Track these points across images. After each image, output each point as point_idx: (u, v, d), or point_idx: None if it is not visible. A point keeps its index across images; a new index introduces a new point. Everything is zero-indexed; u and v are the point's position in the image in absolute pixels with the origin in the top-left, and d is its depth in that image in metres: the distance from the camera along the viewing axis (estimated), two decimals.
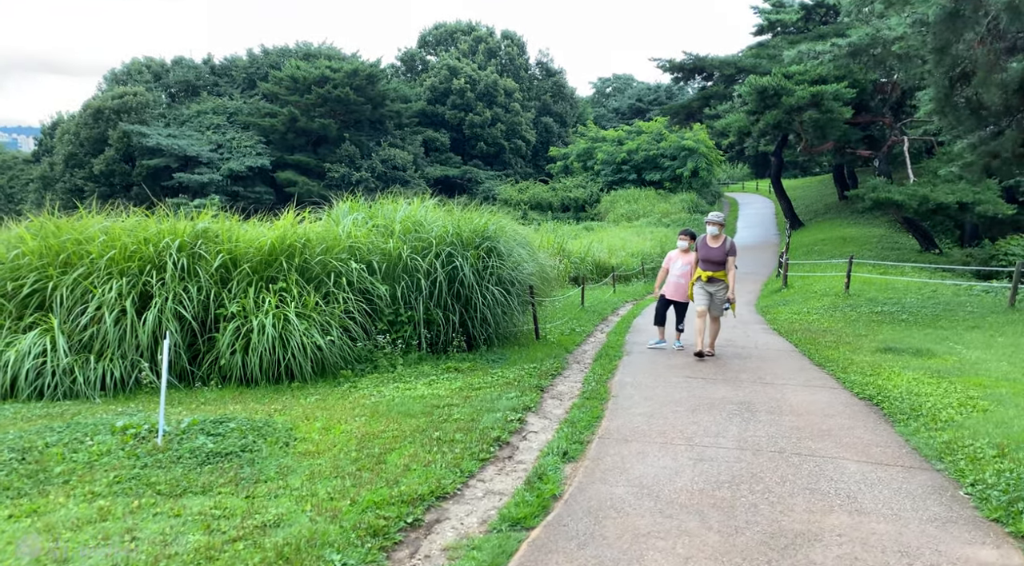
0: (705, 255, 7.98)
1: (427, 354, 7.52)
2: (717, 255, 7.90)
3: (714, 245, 7.95)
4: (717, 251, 7.91)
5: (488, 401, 5.81)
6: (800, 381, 6.98)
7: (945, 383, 6.49)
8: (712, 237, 7.96)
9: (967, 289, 14.39)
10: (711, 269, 7.94)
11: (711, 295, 7.99)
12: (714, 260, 7.91)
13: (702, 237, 8.12)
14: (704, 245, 8.02)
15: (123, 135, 45.06)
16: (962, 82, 14.37)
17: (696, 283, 8.13)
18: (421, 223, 8.10)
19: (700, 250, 8.05)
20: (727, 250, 7.90)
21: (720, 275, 7.95)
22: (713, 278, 7.97)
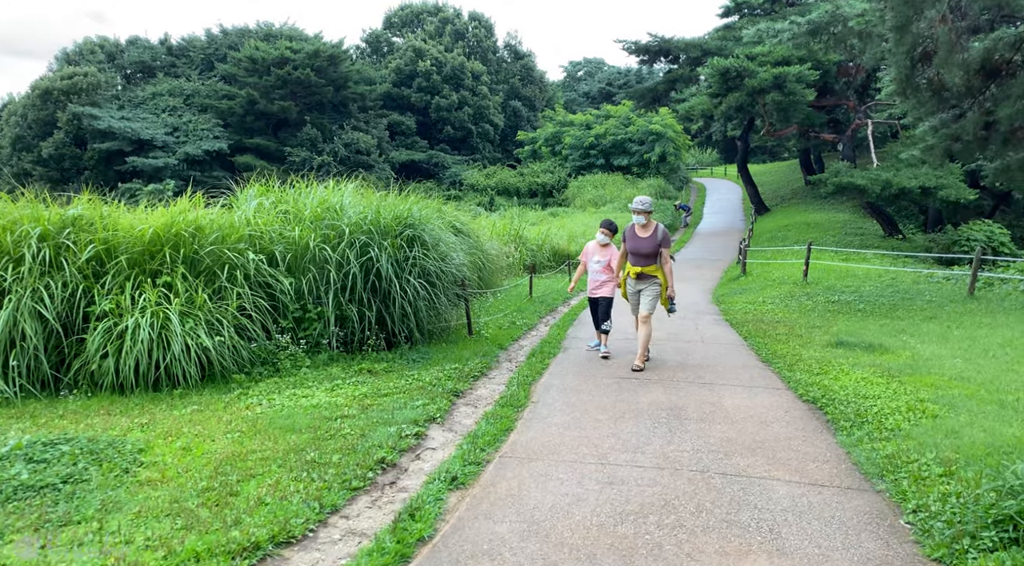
0: (633, 247, 6.75)
1: (340, 354, 6.84)
2: (647, 247, 6.68)
3: (643, 235, 6.72)
4: (647, 242, 6.69)
5: (389, 411, 5.16)
6: (742, 381, 6.44)
7: (895, 383, 5.98)
8: (640, 226, 6.75)
9: (927, 277, 14.05)
10: (641, 263, 6.75)
11: (640, 294, 6.94)
12: (643, 253, 6.70)
13: (628, 226, 6.92)
14: (631, 236, 6.80)
15: (73, 117, 43.24)
16: (923, 62, 13.91)
17: (627, 282, 7.03)
18: (335, 209, 7.37)
19: (628, 242, 6.84)
20: (659, 240, 6.68)
21: (652, 270, 6.77)
22: (644, 274, 6.79)
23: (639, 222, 6.76)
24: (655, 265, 6.78)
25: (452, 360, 7.03)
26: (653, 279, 6.82)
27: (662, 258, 6.78)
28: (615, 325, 8.23)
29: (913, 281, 13.55)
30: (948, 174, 19.94)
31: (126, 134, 42.82)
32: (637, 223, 6.78)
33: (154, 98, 48.37)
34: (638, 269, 6.77)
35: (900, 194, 19.54)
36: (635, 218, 6.78)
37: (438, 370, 6.54)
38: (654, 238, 6.72)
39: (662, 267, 6.79)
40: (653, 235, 6.74)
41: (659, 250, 6.72)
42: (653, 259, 6.76)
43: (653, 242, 6.71)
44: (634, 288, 6.96)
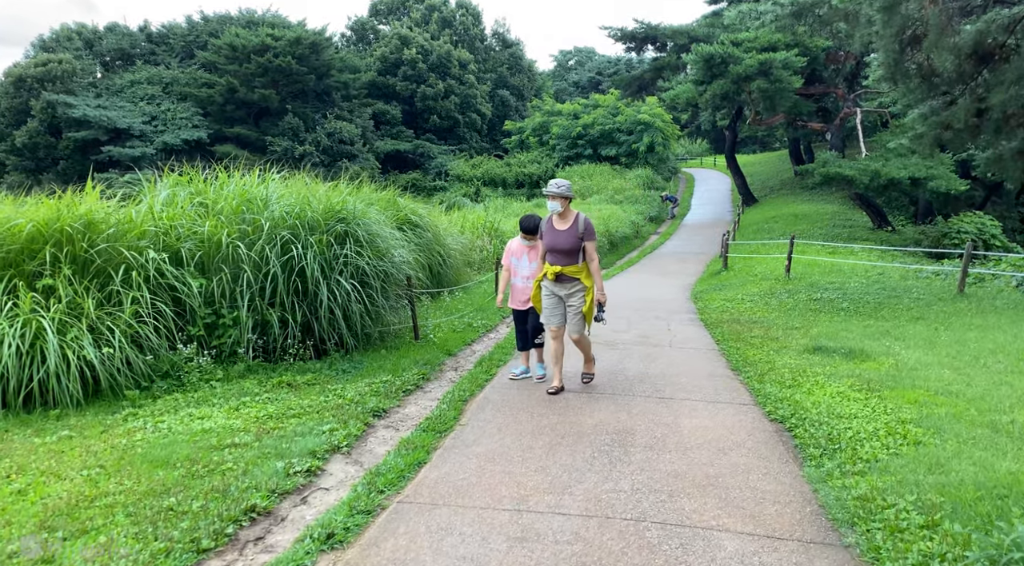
0: (551, 242, 5.50)
1: (259, 365, 6.12)
2: (566, 241, 5.41)
3: (561, 227, 5.47)
4: (566, 235, 5.43)
5: (289, 438, 4.46)
6: (705, 394, 5.76)
7: (875, 399, 5.31)
8: (558, 216, 5.52)
9: (915, 272, 13.41)
10: (560, 262, 5.47)
11: (562, 301, 5.63)
12: (562, 249, 5.43)
13: (546, 218, 5.69)
14: (548, 228, 5.55)
15: (47, 105, 42.12)
16: (913, 46, 13.23)
17: (542, 284, 5.69)
18: (258, 201, 6.63)
19: (544, 236, 5.58)
20: (580, 232, 5.43)
21: (573, 271, 5.49)
22: (563, 275, 5.49)
23: (556, 210, 5.48)
24: (578, 264, 5.50)
25: (388, 370, 6.32)
26: (575, 282, 5.54)
27: (586, 255, 5.51)
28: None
29: (901, 277, 12.90)
30: (939, 164, 19.32)
31: (102, 123, 41.76)
32: (554, 212, 5.51)
33: (132, 86, 47.24)
34: (556, 269, 5.46)
35: (889, 185, 18.93)
36: (551, 206, 5.50)
37: (366, 383, 5.83)
38: (574, 230, 5.44)
39: (587, 264, 5.54)
40: (573, 226, 5.44)
41: (582, 245, 5.46)
42: (575, 256, 5.47)
43: (573, 235, 5.43)
44: (551, 292, 5.62)
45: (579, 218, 5.50)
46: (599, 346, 7.76)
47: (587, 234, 5.47)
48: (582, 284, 5.55)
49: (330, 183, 8.64)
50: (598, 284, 5.54)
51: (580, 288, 5.56)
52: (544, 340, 6.28)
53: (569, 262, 5.48)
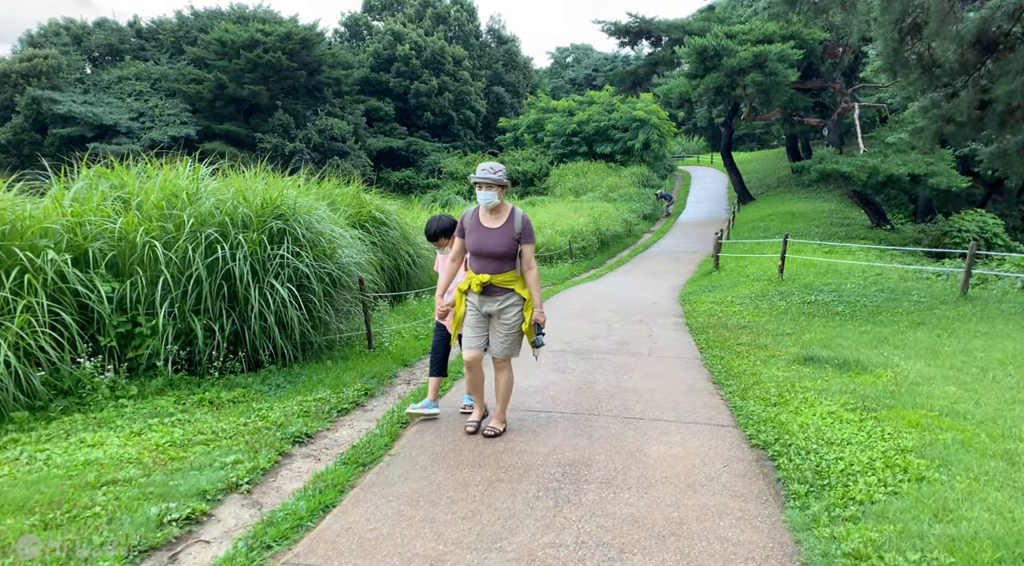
0: (478, 244, 4.30)
1: (183, 379, 5.45)
2: (499, 243, 4.26)
3: (492, 224, 4.32)
4: (498, 236, 4.28)
5: (183, 472, 3.80)
6: (680, 414, 5.10)
7: (871, 421, 4.65)
8: (488, 211, 4.35)
9: (915, 273, 12.76)
10: (489, 269, 4.29)
11: (491, 320, 4.44)
12: (493, 252, 4.26)
13: (468, 213, 4.48)
14: (474, 226, 4.37)
15: (32, 101, 41.41)
16: (913, 34, 12.56)
17: (466, 298, 4.46)
18: (185, 195, 5.95)
19: (468, 235, 4.38)
20: (517, 232, 4.31)
21: (506, 280, 4.31)
22: (493, 286, 4.31)
23: (487, 203, 4.27)
24: (512, 271, 4.33)
25: (328, 385, 5.66)
26: (508, 294, 4.35)
27: (523, 261, 4.37)
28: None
29: (900, 278, 12.25)
30: (939, 160, 18.68)
31: (87, 119, 41.07)
32: (484, 205, 4.30)
33: (120, 82, 46.55)
34: (484, 278, 4.26)
35: (888, 182, 18.27)
36: (480, 197, 4.27)
37: (298, 401, 5.17)
38: (509, 229, 4.29)
39: (524, 275, 4.39)
40: (508, 225, 4.30)
41: (518, 248, 4.34)
42: (510, 262, 4.31)
43: (508, 236, 4.27)
44: (478, 308, 4.40)
45: (515, 214, 4.34)
46: (569, 355, 7.11)
47: (525, 235, 4.33)
48: (517, 296, 4.36)
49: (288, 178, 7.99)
50: (536, 300, 4.35)
51: (515, 301, 4.36)
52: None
53: (501, 269, 4.28)
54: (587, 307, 10.85)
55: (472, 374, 4.58)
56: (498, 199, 4.30)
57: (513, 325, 4.39)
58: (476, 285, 4.30)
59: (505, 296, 4.36)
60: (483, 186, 4.25)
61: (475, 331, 4.45)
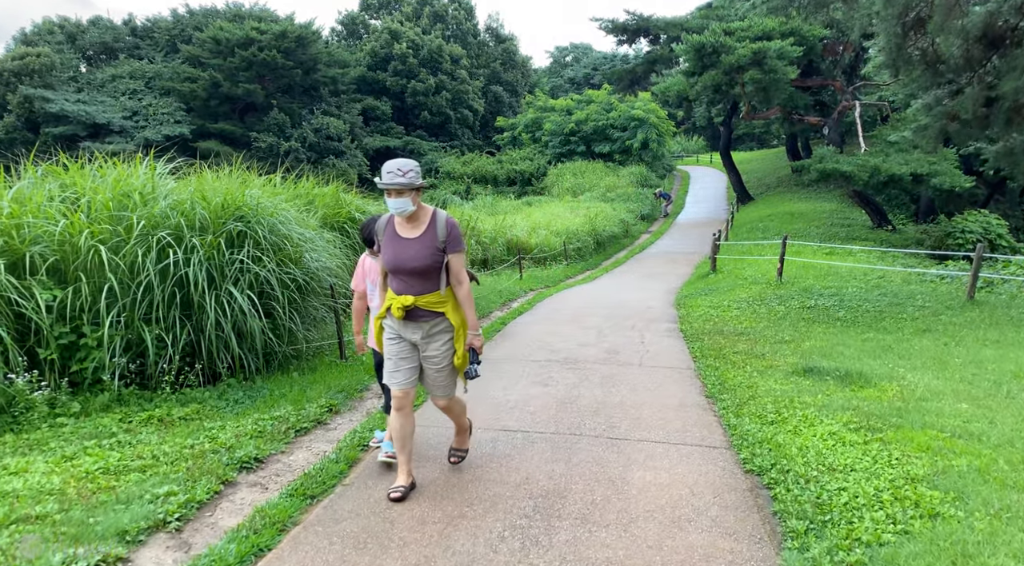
0: (394, 259, 3.50)
1: (133, 394, 5.05)
2: (418, 256, 3.46)
3: (409, 234, 3.51)
4: (418, 247, 3.47)
5: (108, 506, 3.39)
6: (668, 434, 4.69)
7: (876, 443, 4.24)
8: (404, 219, 3.52)
9: (919, 276, 12.35)
10: (411, 289, 3.51)
11: (416, 350, 3.64)
12: (413, 268, 3.47)
13: (383, 220, 3.64)
14: (390, 238, 3.55)
15: (24, 100, 40.95)
16: (916, 29, 12.16)
17: (385, 322, 3.68)
18: (139, 195, 5.53)
19: (384, 249, 3.56)
20: (441, 241, 3.49)
21: (433, 302, 3.52)
22: (418, 310, 3.52)
23: (400, 211, 3.43)
24: (439, 291, 3.52)
25: (291, 400, 5.25)
26: (436, 319, 3.56)
27: (451, 275, 3.55)
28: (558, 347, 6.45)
29: (903, 281, 11.84)
30: (942, 160, 18.25)
31: (80, 118, 40.62)
32: (398, 213, 3.46)
33: (114, 80, 46.10)
34: (408, 300, 3.46)
35: (890, 181, 17.85)
36: (391, 205, 3.43)
37: (255, 419, 4.76)
38: (430, 239, 3.48)
39: (454, 291, 3.59)
40: (429, 233, 3.48)
41: (444, 260, 3.52)
42: (434, 279, 3.50)
43: (430, 247, 3.46)
44: (399, 336, 3.61)
45: (438, 219, 3.51)
46: (555, 366, 6.71)
47: (451, 243, 3.49)
48: (447, 322, 3.56)
49: (264, 177, 7.59)
50: (470, 320, 3.59)
51: (445, 328, 3.57)
52: None
53: (426, 288, 3.48)
54: (578, 311, 10.44)
55: (400, 419, 3.60)
56: (412, 205, 3.43)
57: (441, 358, 3.58)
58: (397, 309, 3.46)
59: (434, 322, 3.55)
60: (392, 192, 3.38)
61: (401, 363, 3.59)
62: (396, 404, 3.61)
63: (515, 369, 6.56)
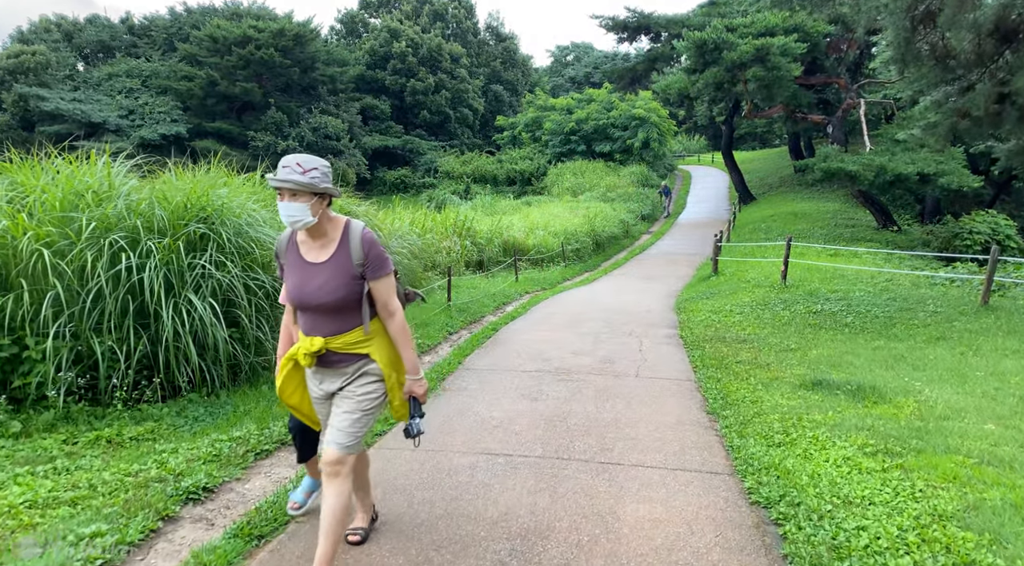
0: (298, 290, 2.69)
1: (82, 410, 4.63)
2: (328, 286, 2.65)
3: (315, 256, 2.69)
4: (327, 274, 2.66)
5: (23, 549, 2.96)
6: (666, 457, 4.27)
7: (896, 470, 3.82)
8: (309, 237, 2.72)
9: (927, 279, 11.91)
10: (324, 328, 2.69)
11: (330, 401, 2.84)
12: (322, 303, 2.65)
13: (284, 239, 2.82)
14: (294, 262, 2.73)
15: (19, 98, 40.59)
16: (926, 23, 11.73)
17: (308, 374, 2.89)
18: (86, 195, 5.11)
19: (287, 276, 2.76)
20: (357, 264, 2.65)
21: (352, 343, 2.72)
22: (335, 354, 2.72)
23: (294, 221, 2.59)
24: (360, 328, 2.72)
25: (255, 417, 4.82)
26: (358, 362, 2.77)
27: (379, 306, 2.74)
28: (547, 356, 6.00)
29: (912, 284, 11.41)
30: (949, 159, 17.82)
31: (75, 116, 40.23)
32: (291, 224, 2.61)
33: (110, 79, 45.73)
34: (317, 343, 2.67)
35: (895, 181, 17.41)
36: (282, 211, 2.59)
37: (212, 440, 4.34)
38: (343, 260, 2.66)
39: (384, 325, 2.79)
40: (341, 253, 2.67)
41: (364, 290, 2.70)
42: (350, 314, 2.71)
43: (343, 271, 2.66)
44: (316, 387, 2.85)
45: (351, 234, 2.67)
46: (546, 377, 6.28)
47: (371, 265, 2.65)
48: (371, 364, 2.75)
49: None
50: (408, 361, 2.78)
51: (367, 373, 2.75)
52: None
53: (342, 326, 2.68)
54: (574, 316, 10.02)
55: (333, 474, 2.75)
56: (311, 215, 2.56)
57: (362, 399, 2.71)
58: (306, 356, 2.66)
59: (356, 367, 2.74)
60: (284, 194, 2.53)
61: (324, 419, 2.92)
62: (327, 472, 2.70)
63: (503, 381, 6.14)
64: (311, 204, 2.57)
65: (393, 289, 2.77)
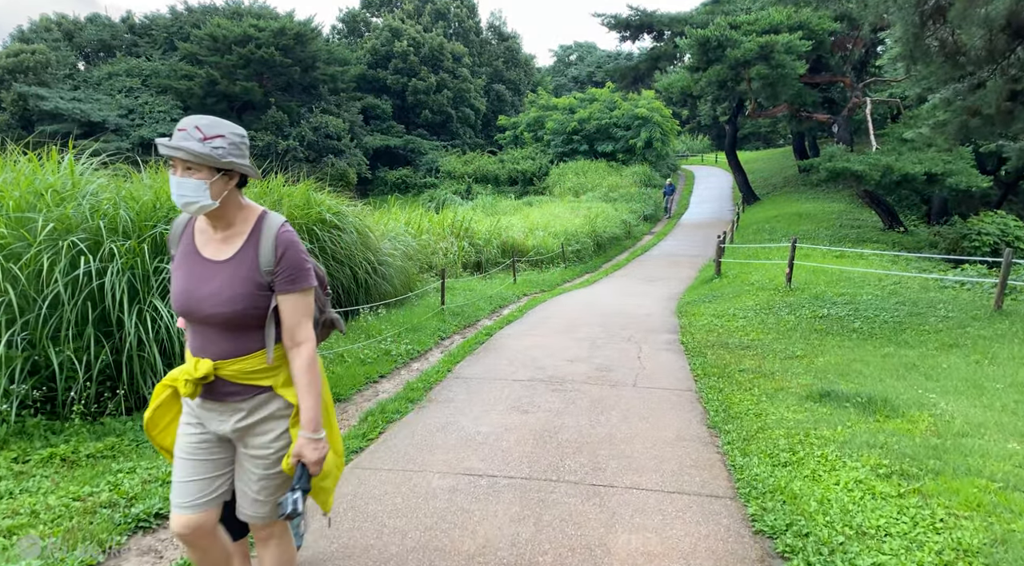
0: (184, 294, 2.07)
1: (38, 424, 4.33)
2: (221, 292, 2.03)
3: (215, 253, 2.09)
4: (224, 275, 2.05)
5: None
6: (664, 477, 3.95)
7: (914, 495, 3.50)
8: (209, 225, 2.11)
9: (937, 282, 11.56)
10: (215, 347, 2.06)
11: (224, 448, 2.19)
12: (213, 314, 2.03)
13: (179, 223, 2.21)
14: (186, 254, 2.12)
15: (18, 97, 40.40)
16: (936, 18, 11.39)
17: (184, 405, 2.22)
18: (46, 194, 4.80)
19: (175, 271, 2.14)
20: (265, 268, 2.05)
21: (252, 369, 2.08)
22: (226, 383, 2.08)
23: (188, 203, 1.98)
24: (261, 352, 2.08)
25: None
26: (258, 397, 2.12)
27: (284, 329, 2.09)
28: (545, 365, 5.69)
29: (921, 287, 11.07)
30: (957, 158, 17.43)
31: (75, 116, 40.03)
32: (185, 207, 2.00)
33: (110, 78, 45.53)
34: (205, 368, 2.04)
35: (902, 181, 17.02)
36: (174, 187, 1.99)
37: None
38: (249, 261, 2.06)
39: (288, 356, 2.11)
40: (247, 252, 2.06)
41: (272, 302, 2.07)
42: (250, 332, 2.07)
43: (246, 275, 2.05)
44: (198, 421, 2.18)
45: (263, 230, 2.09)
46: (539, 386, 5.96)
47: (284, 274, 2.07)
48: (281, 400, 2.15)
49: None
50: (307, 413, 2.06)
51: (277, 411, 2.15)
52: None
53: (239, 348, 2.07)
54: (572, 320, 9.70)
55: (198, 556, 2.23)
56: (211, 198, 1.98)
57: (270, 459, 2.13)
58: (188, 383, 2.04)
59: (255, 402, 2.11)
60: (178, 166, 1.97)
61: (195, 469, 2.15)
62: (183, 535, 2.14)
63: (493, 391, 5.83)
64: (211, 182, 1.95)
65: (307, 311, 2.09)
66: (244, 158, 2.05)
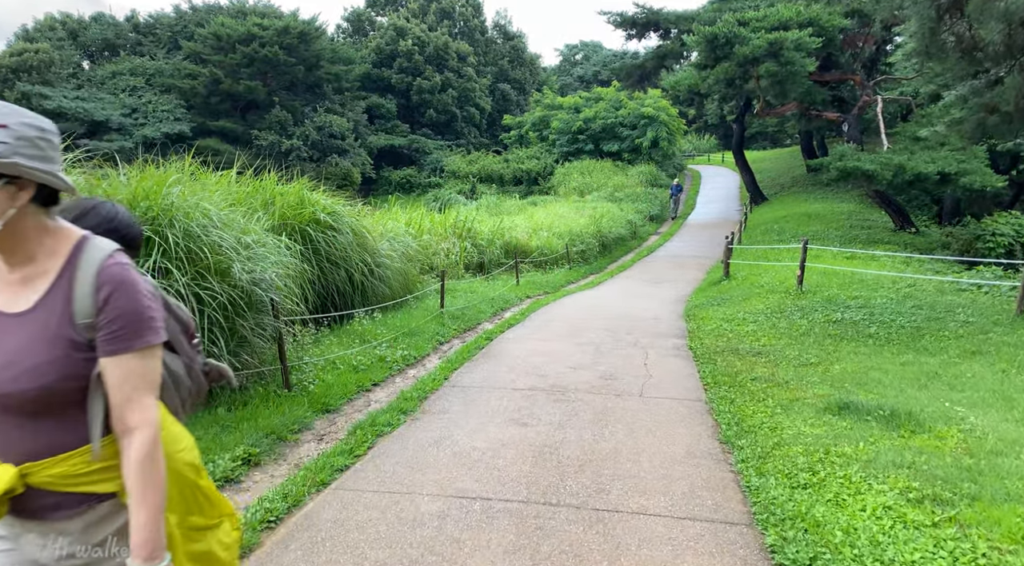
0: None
1: None
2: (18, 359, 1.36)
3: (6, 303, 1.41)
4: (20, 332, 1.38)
5: None
6: (673, 501, 3.63)
7: (950, 526, 3.17)
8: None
9: (952, 285, 11.20)
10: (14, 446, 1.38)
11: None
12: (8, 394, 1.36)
13: None
14: None
15: (22, 96, 40.24)
16: (952, 13, 11.03)
17: None
18: None
19: None
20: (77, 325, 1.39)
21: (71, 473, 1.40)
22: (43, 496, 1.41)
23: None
24: (87, 448, 1.42)
25: (203, 448, 4.21)
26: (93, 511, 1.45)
27: (114, 412, 1.41)
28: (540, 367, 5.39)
29: (937, 290, 10.71)
30: (971, 158, 17.03)
31: (78, 115, 39.87)
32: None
33: (114, 77, 45.39)
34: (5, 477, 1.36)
35: (915, 181, 16.63)
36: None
37: None
38: (58, 309, 1.40)
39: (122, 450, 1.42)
40: (57, 295, 1.41)
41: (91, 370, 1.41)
42: (69, 419, 1.41)
43: (55, 331, 1.39)
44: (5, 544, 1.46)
45: (82, 263, 1.43)
46: (539, 396, 5.65)
47: (114, 324, 1.40)
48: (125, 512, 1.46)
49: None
50: (140, 531, 1.38)
51: (123, 530, 1.47)
52: None
53: (50, 443, 1.40)
54: (576, 324, 9.39)
55: None
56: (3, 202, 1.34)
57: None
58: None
59: (90, 518, 1.46)
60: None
61: None
62: None
63: (490, 402, 5.51)
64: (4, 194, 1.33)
65: (146, 381, 1.44)
66: (48, 162, 1.38)
